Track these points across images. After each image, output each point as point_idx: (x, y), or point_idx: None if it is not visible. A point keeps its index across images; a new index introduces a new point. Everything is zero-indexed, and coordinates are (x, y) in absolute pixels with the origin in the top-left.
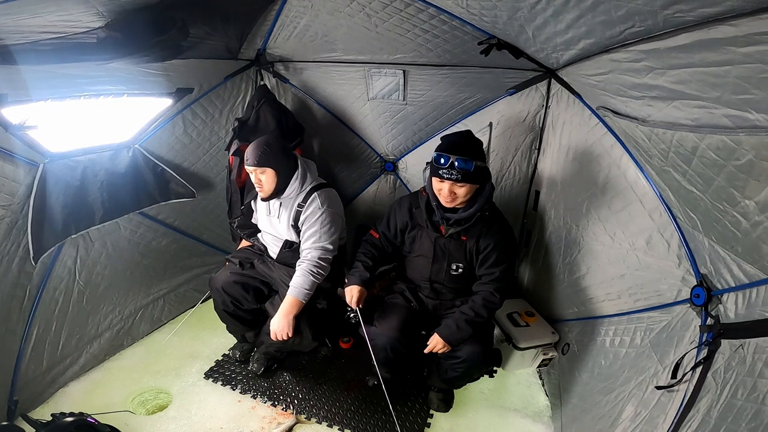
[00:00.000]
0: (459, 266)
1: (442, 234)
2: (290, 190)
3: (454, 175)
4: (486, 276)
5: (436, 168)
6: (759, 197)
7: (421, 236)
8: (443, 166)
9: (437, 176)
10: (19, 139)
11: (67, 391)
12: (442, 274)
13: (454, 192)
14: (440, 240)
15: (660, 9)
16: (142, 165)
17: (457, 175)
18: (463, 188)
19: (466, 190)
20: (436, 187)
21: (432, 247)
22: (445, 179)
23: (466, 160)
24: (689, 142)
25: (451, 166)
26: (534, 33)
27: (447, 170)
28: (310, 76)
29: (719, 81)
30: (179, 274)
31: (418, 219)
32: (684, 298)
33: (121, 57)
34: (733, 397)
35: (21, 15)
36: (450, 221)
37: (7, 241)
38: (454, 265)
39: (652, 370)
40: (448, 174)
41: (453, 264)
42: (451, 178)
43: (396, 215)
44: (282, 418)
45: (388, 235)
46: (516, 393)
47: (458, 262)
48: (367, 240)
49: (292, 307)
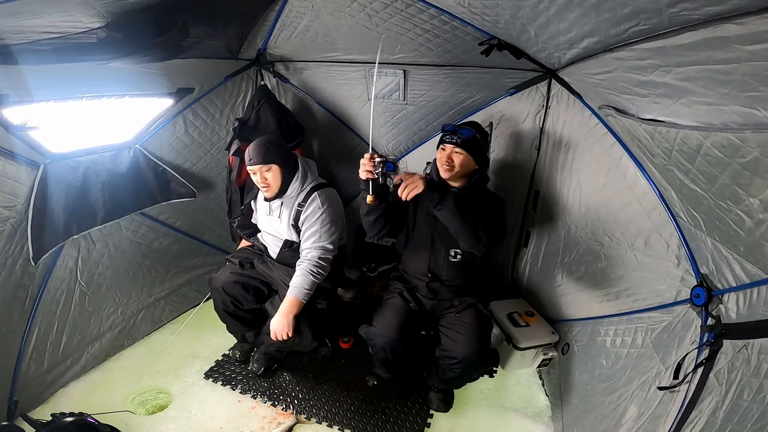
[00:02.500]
0: (457, 252)
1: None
2: (291, 189)
3: (455, 139)
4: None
5: (442, 137)
6: (763, 195)
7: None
8: (448, 132)
9: (442, 143)
10: (21, 140)
11: (68, 391)
12: (442, 263)
13: (451, 159)
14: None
15: (665, 7)
16: (143, 165)
17: (457, 140)
18: (461, 156)
19: (463, 158)
20: (439, 156)
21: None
22: (447, 143)
23: (468, 129)
24: (694, 140)
25: (454, 132)
26: (536, 32)
27: (450, 135)
28: (310, 75)
29: (726, 78)
30: (180, 274)
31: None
32: (684, 298)
33: (121, 57)
34: (739, 397)
35: (21, 15)
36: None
37: (12, 242)
38: (452, 251)
39: (654, 371)
40: (450, 138)
41: (451, 249)
42: (452, 141)
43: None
44: (282, 418)
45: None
46: (516, 393)
47: (456, 248)
48: None
49: (292, 307)
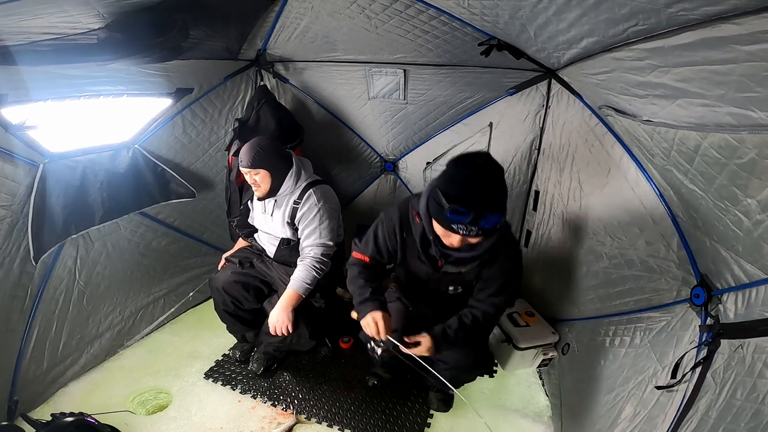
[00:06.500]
0: (457, 289)
1: (438, 268)
2: (284, 187)
3: (473, 232)
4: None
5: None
6: (761, 196)
7: (413, 266)
8: (459, 222)
9: (446, 227)
10: (19, 139)
11: (67, 391)
12: (438, 295)
13: (466, 241)
14: (434, 275)
15: (664, 7)
16: (142, 165)
17: (477, 232)
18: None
19: (481, 239)
20: (440, 232)
21: (426, 279)
22: (460, 234)
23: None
24: (692, 141)
25: (473, 223)
26: (536, 32)
27: (463, 227)
28: (310, 76)
29: (723, 79)
30: (179, 274)
31: (409, 248)
32: (684, 298)
33: (121, 58)
34: (733, 396)
35: (21, 16)
36: (450, 259)
37: (8, 241)
38: (451, 288)
39: (651, 370)
40: (464, 230)
41: (450, 287)
42: (469, 234)
43: (385, 238)
44: (282, 418)
45: (380, 260)
46: (516, 393)
47: (456, 285)
48: (356, 265)
49: (291, 300)
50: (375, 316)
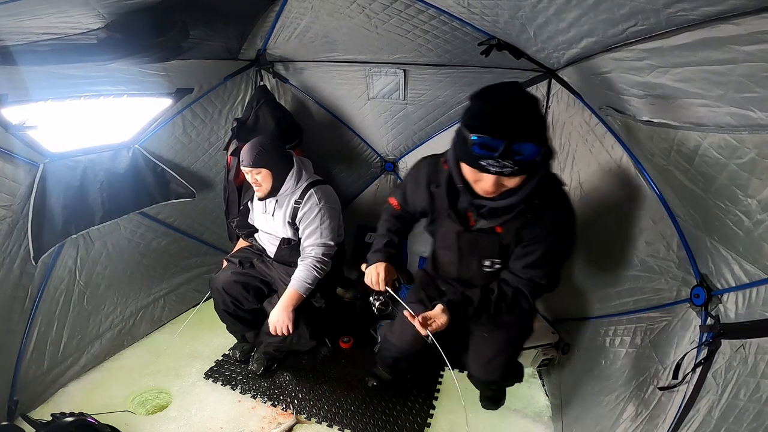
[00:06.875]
0: (495, 262)
1: (470, 226)
2: (285, 187)
3: (507, 168)
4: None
5: (473, 156)
6: (761, 196)
7: (443, 226)
8: (489, 156)
9: (474, 166)
10: (19, 139)
11: (68, 391)
12: (472, 272)
13: (501, 184)
14: (465, 235)
15: (663, 7)
16: (142, 165)
17: (512, 168)
18: (515, 179)
19: (518, 180)
20: (470, 177)
21: (456, 242)
22: (491, 172)
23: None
24: (691, 141)
25: (505, 155)
26: (535, 32)
27: (495, 162)
28: (310, 76)
29: (722, 79)
30: (179, 274)
31: (439, 203)
32: (684, 298)
33: (121, 58)
34: (735, 397)
35: (21, 16)
36: (481, 209)
37: (9, 241)
38: (487, 261)
39: (653, 371)
40: (496, 166)
41: (485, 260)
42: (503, 172)
43: (413, 194)
44: (282, 418)
45: (409, 210)
46: (516, 393)
47: (493, 258)
48: (387, 210)
49: (291, 300)
50: (378, 267)
